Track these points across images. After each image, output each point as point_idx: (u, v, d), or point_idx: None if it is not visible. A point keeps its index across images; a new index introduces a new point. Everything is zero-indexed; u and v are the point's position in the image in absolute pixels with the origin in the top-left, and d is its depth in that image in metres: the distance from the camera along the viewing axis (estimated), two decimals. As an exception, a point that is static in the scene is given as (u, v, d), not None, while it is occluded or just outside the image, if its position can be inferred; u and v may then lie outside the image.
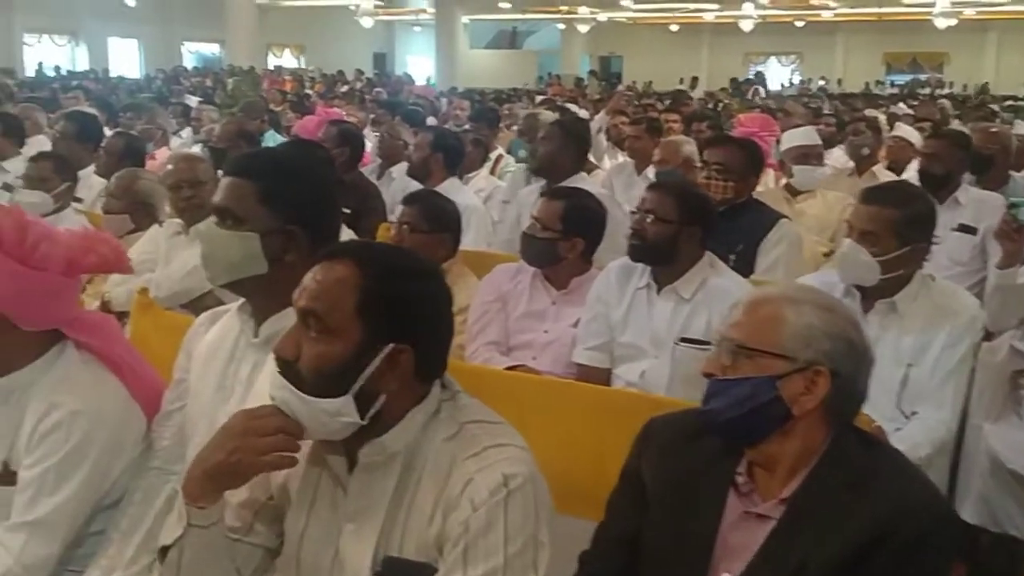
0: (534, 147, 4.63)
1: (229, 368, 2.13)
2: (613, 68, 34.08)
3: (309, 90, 19.39)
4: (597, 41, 33.37)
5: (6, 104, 10.24)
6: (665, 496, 1.83)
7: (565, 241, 3.28)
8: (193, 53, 30.86)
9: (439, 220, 3.51)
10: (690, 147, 5.30)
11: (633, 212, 3.18)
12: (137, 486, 2.19)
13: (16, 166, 5.71)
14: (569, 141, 4.55)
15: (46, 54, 26.62)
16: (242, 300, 2.18)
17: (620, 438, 2.15)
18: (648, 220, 3.01)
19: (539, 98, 13.85)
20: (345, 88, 19.18)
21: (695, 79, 25.29)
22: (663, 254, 3.03)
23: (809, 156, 5.15)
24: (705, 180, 3.93)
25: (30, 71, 24.23)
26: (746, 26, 28.40)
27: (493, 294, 3.40)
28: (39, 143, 6.49)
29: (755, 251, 3.85)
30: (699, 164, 4.20)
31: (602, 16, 30.30)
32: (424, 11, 30.96)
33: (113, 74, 23.32)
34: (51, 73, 23.42)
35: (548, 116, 5.52)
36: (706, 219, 3.06)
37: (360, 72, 24.94)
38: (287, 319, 2.04)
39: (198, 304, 3.70)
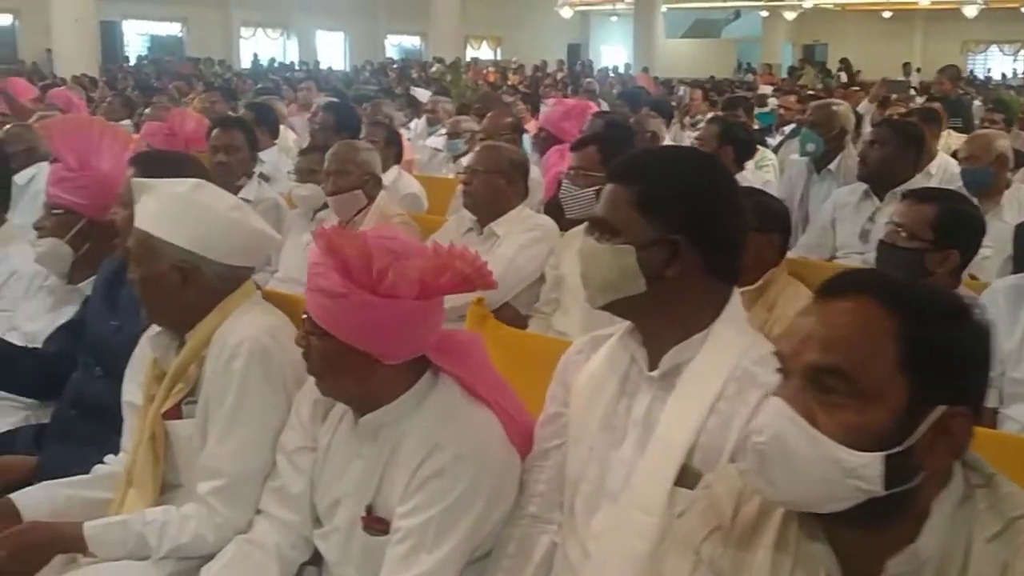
0: (865, 151, 4.13)
1: (618, 405, 1.82)
2: (817, 56, 32.56)
3: (511, 82, 19.34)
4: (801, 29, 31.99)
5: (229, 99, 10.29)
6: None
7: (936, 252, 2.79)
8: (395, 46, 31.51)
9: (769, 217, 3.09)
10: (1004, 142, 4.67)
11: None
12: (510, 536, 1.90)
13: (271, 156, 5.68)
14: (907, 144, 4.06)
15: (259, 47, 27.76)
16: (628, 324, 1.85)
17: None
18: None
19: (768, 88, 13.16)
20: (549, 80, 18.93)
21: (907, 65, 23.46)
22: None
23: None
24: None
25: (244, 63, 25.32)
26: (970, 12, 26.42)
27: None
28: (282, 134, 6.50)
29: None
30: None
31: (808, 2, 28.97)
32: (623, 0, 30.45)
33: (320, 66, 24.00)
34: (263, 65, 24.32)
35: (844, 108, 4.97)
36: None
37: (561, 62, 24.73)
38: (691, 350, 1.74)
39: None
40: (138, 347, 2.34)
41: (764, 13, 30.45)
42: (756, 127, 8.46)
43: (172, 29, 27.69)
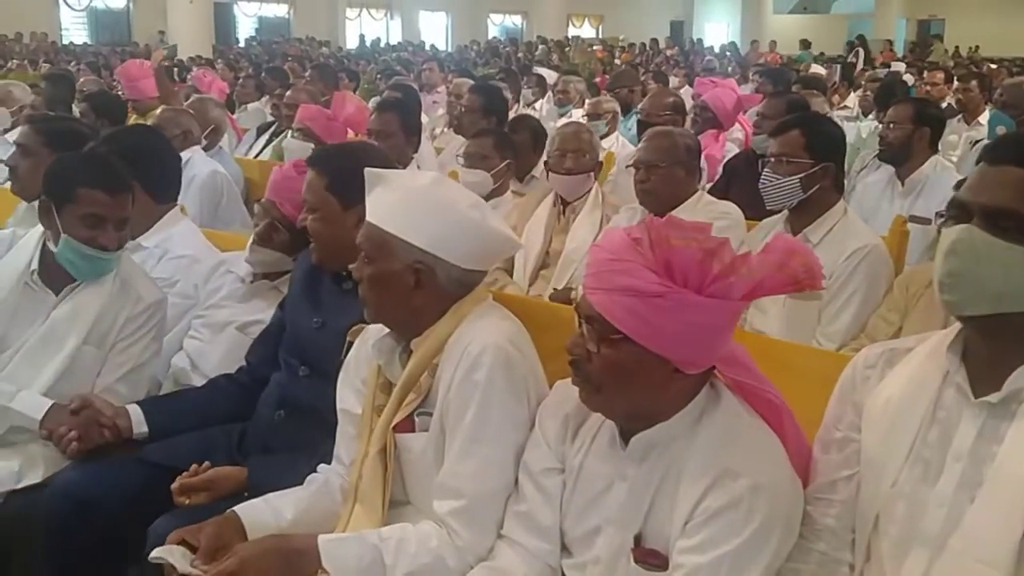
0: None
1: (929, 433, 1.58)
2: (933, 32, 31.30)
3: (617, 59, 18.97)
4: (915, 3, 30.78)
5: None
6: None
7: None
8: (497, 25, 31.34)
9: None
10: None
11: None
12: (796, 573, 1.66)
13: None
14: None
15: (363, 27, 27.88)
16: (943, 334, 1.60)
17: None
18: None
19: (900, 65, 12.55)
20: (660, 57, 18.52)
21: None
22: None
23: None
24: None
25: (348, 43, 25.46)
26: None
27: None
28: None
29: None
30: None
31: (925, -25, 27.92)
32: (730, -25, 29.77)
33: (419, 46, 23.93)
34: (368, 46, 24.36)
35: (1041, 85, 4.61)
36: None
37: (669, 40, 24.28)
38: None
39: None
40: (352, 350, 2.18)
41: (878, -14, 29.37)
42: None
43: (279, 11, 27.99)
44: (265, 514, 1.99)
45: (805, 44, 22.46)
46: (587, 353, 1.66)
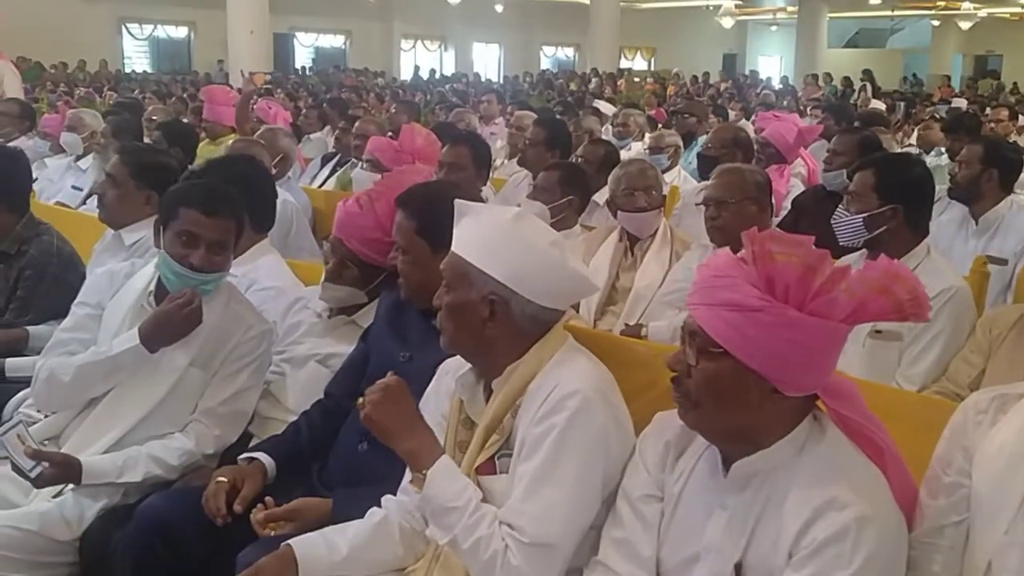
0: None
1: None
2: (990, 67, 31.00)
3: (669, 92, 18.98)
4: (972, 39, 30.50)
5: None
6: None
7: None
8: (549, 57, 31.56)
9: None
10: None
11: None
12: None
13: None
14: None
15: (417, 59, 28.23)
16: None
17: None
18: None
19: (962, 101, 12.41)
20: (713, 90, 18.51)
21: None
22: None
23: None
24: None
25: (404, 74, 25.76)
26: None
27: None
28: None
29: None
30: None
31: (982, 11, 27.61)
32: (784, 9, 29.68)
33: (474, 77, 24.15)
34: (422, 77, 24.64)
35: None
36: None
37: (724, 74, 24.27)
38: None
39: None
40: (432, 384, 2.20)
41: (935, 23, 29.13)
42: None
43: (336, 41, 28.43)
44: (319, 548, 2.01)
45: (828, 77, 22.30)
46: (687, 368, 1.67)
